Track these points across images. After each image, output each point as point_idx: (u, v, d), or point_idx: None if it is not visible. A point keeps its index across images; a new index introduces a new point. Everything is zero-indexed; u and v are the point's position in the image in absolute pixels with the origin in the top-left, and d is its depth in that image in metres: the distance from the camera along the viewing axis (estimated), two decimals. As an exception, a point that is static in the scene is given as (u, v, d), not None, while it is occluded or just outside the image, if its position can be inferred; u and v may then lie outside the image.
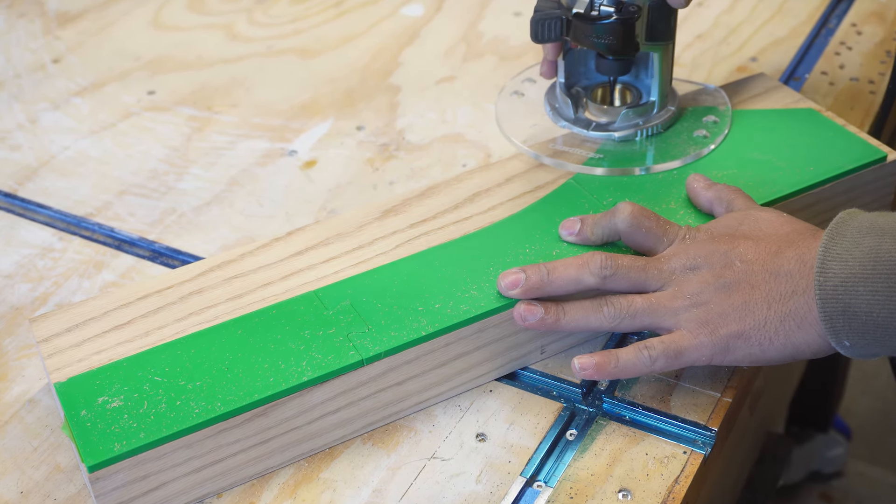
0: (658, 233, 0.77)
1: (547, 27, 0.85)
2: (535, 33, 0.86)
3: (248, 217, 0.96)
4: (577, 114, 0.92)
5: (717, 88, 0.96)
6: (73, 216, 0.97)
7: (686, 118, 0.92)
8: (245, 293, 0.78)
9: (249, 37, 1.23)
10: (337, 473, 0.73)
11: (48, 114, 1.11)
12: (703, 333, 0.73)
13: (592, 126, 0.91)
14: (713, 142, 0.89)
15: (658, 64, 0.89)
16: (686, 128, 0.91)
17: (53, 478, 0.73)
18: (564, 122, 0.92)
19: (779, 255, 0.73)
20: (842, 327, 0.69)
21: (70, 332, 0.75)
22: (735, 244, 0.75)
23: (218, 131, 1.07)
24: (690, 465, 0.73)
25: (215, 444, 0.70)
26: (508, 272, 0.75)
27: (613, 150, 0.89)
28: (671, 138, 0.90)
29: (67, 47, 1.22)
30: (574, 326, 0.75)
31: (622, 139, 0.90)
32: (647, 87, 0.92)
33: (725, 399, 0.76)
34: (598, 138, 0.90)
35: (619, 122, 0.90)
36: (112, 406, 0.69)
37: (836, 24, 1.20)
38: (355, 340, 0.73)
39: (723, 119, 0.92)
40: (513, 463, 0.73)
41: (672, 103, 0.92)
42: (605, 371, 0.73)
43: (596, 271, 0.74)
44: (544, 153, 0.89)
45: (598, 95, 0.94)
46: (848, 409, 1.84)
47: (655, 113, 0.91)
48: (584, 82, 0.94)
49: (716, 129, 0.91)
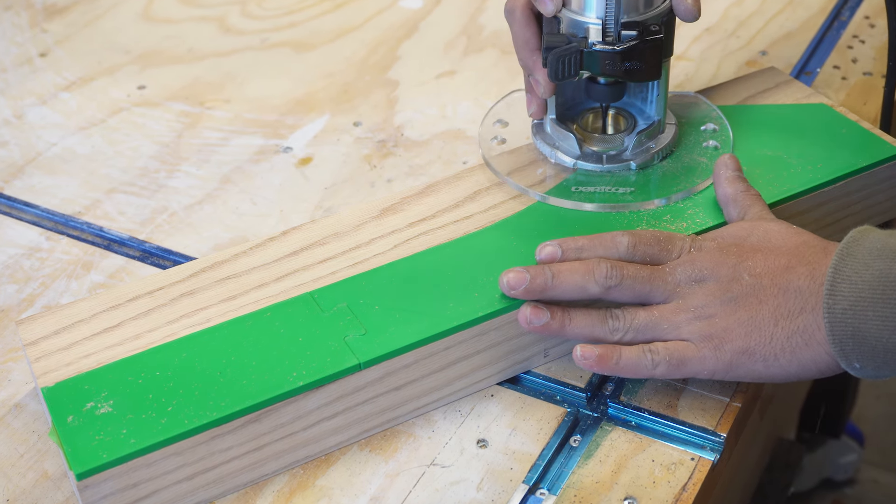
0: (661, 254, 0.77)
1: (567, 63, 0.81)
2: (556, 72, 0.81)
3: (241, 216, 0.96)
4: (582, 149, 0.88)
5: (695, 94, 0.94)
6: (60, 215, 0.97)
7: (684, 131, 0.90)
8: (238, 295, 0.78)
9: (243, 29, 1.23)
10: (333, 481, 0.73)
11: (35, 109, 1.11)
12: (707, 347, 0.73)
13: (605, 159, 0.87)
14: (728, 149, 0.88)
15: (664, 80, 0.86)
16: (692, 141, 0.89)
17: (41, 485, 0.73)
18: (571, 161, 0.88)
19: (789, 271, 0.73)
20: (851, 350, 0.69)
21: (58, 334, 0.75)
22: (744, 257, 0.75)
23: (210, 127, 1.07)
24: (698, 472, 0.73)
25: (208, 450, 0.70)
26: (512, 270, 0.75)
27: (638, 181, 0.86)
28: (686, 156, 0.88)
29: (55, 40, 1.22)
30: (578, 334, 0.75)
31: (640, 166, 0.87)
32: (637, 110, 0.90)
33: (735, 404, 0.76)
34: (616, 170, 0.87)
35: (633, 149, 0.87)
36: (101, 411, 0.69)
37: (849, 16, 1.20)
38: (352, 344, 0.73)
39: (721, 124, 0.91)
40: (515, 470, 0.73)
41: (670, 119, 0.90)
42: (606, 366, 0.74)
43: (601, 280, 0.75)
44: (578, 199, 0.84)
45: (589, 124, 0.91)
46: (861, 415, 1.84)
47: (662, 133, 0.89)
48: (569, 114, 0.91)
49: (722, 137, 0.90)
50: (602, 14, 0.81)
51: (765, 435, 1.23)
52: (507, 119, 0.94)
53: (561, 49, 0.80)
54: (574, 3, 0.82)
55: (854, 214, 0.89)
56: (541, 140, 0.89)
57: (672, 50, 0.85)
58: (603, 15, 0.81)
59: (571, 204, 0.84)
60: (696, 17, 0.81)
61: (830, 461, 1.69)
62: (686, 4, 0.81)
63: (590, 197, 0.84)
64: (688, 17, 0.82)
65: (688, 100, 0.94)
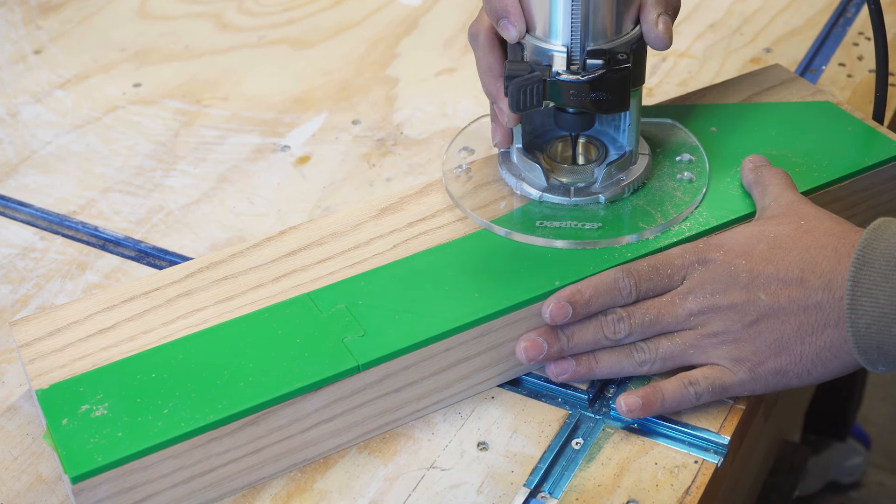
0: (664, 283, 0.77)
1: (530, 93, 0.76)
2: (518, 102, 0.77)
3: (238, 215, 0.96)
4: (549, 180, 0.84)
5: (672, 122, 0.91)
6: (55, 214, 0.97)
7: (659, 162, 0.87)
8: (235, 295, 0.78)
9: (240, 26, 1.23)
10: (332, 484, 0.73)
11: (29, 107, 1.11)
12: (742, 371, 0.74)
13: (573, 192, 0.83)
14: (704, 183, 0.85)
15: (635, 110, 0.83)
16: (666, 173, 0.86)
17: (35, 489, 0.73)
18: (537, 193, 0.84)
19: (804, 285, 0.73)
20: (877, 359, 0.71)
21: (52, 336, 0.75)
22: (755, 273, 0.74)
23: (207, 125, 1.07)
24: (702, 476, 0.73)
25: (204, 453, 0.70)
26: (526, 339, 0.76)
27: (607, 215, 0.82)
28: (658, 188, 0.85)
29: (49, 37, 1.22)
30: (607, 374, 0.77)
31: (609, 200, 0.83)
32: (609, 139, 0.87)
33: (739, 406, 0.76)
34: (584, 204, 0.83)
35: (602, 181, 0.83)
36: (96, 414, 0.69)
37: (855, 13, 1.20)
38: (351, 345, 0.73)
39: (698, 155, 0.87)
40: (516, 473, 0.73)
41: (643, 149, 0.86)
42: (652, 409, 0.75)
43: (611, 336, 0.76)
44: (542, 236, 0.81)
45: (557, 153, 0.87)
46: (866, 417, 1.84)
47: (634, 164, 0.85)
48: (538, 142, 0.87)
49: (698, 168, 0.86)
50: (567, 41, 0.78)
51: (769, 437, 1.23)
52: (473, 147, 0.90)
53: (522, 78, 0.76)
54: (538, 29, 0.79)
55: (859, 214, 0.88)
56: (507, 170, 0.86)
57: (643, 78, 0.83)
58: (568, 42, 0.78)
59: (535, 240, 0.80)
60: (667, 45, 0.79)
61: (836, 464, 1.69)
62: (656, 32, 0.79)
63: (555, 233, 0.80)
64: (658, 46, 0.79)
65: (664, 127, 0.91)
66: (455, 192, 0.85)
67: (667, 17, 0.79)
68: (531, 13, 0.78)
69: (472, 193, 0.85)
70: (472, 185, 0.86)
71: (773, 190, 0.81)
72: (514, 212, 0.83)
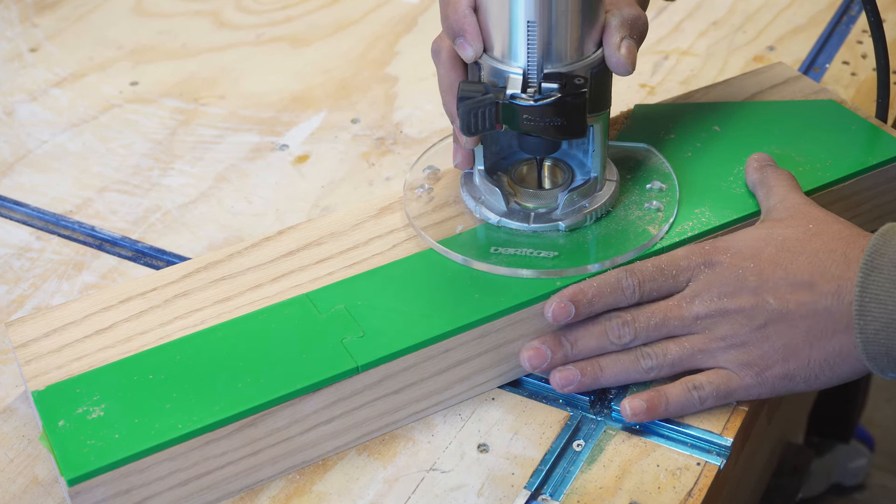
0: (669, 284, 0.76)
1: (481, 116, 0.74)
2: (468, 125, 0.74)
3: (236, 215, 0.96)
4: (509, 205, 0.82)
5: (648, 147, 0.88)
6: (51, 214, 0.97)
7: (628, 189, 0.84)
8: (233, 296, 0.78)
9: (238, 24, 1.23)
10: (331, 486, 0.73)
11: (25, 106, 1.11)
12: (749, 376, 0.74)
13: (532, 218, 0.81)
14: (671, 213, 0.82)
15: (600, 136, 0.80)
16: (634, 201, 0.83)
17: (31, 491, 0.73)
18: (495, 218, 0.81)
19: (813, 290, 0.73)
20: (887, 365, 0.71)
21: (48, 336, 0.75)
22: (763, 277, 0.74)
23: (204, 124, 1.07)
24: (704, 478, 0.73)
25: (202, 456, 0.70)
26: (529, 349, 0.76)
27: (566, 244, 0.80)
28: (623, 217, 0.82)
29: (45, 35, 1.22)
30: (613, 382, 0.76)
31: (570, 228, 0.81)
32: (578, 162, 0.84)
33: (742, 407, 0.76)
34: (543, 231, 0.81)
35: (563, 208, 0.81)
36: (93, 416, 0.69)
37: (858, 10, 1.20)
38: (350, 346, 0.73)
39: (670, 183, 0.84)
40: (516, 475, 0.73)
41: (611, 175, 0.84)
42: (656, 413, 0.75)
43: (615, 341, 0.76)
44: (495, 263, 0.78)
45: (522, 176, 0.84)
46: (871, 419, 1.84)
47: (599, 191, 0.82)
48: (503, 164, 0.85)
49: (668, 197, 0.83)
50: (524, 63, 0.75)
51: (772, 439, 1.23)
52: (438, 166, 0.87)
53: (474, 100, 0.74)
54: (496, 50, 0.76)
55: (863, 213, 0.88)
56: (467, 192, 0.83)
57: (608, 102, 0.80)
58: (525, 64, 0.75)
59: (487, 267, 0.78)
60: (629, 70, 0.76)
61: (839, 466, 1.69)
62: (618, 57, 0.76)
63: (508, 260, 0.78)
64: (620, 71, 0.77)
65: (639, 152, 0.88)
66: (412, 212, 0.83)
67: (631, 41, 0.76)
68: (489, 33, 0.76)
69: (429, 214, 0.83)
70: (432, 205, 0.84)
71: (778, 192, 0.80)
72: (469, 236, 0.81)
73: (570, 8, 0.74)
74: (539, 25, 0.74)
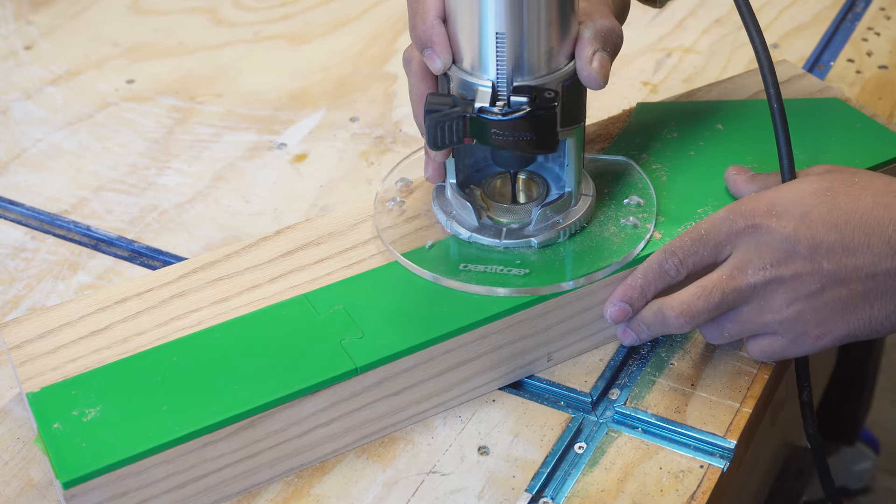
0: (713, 254, 0.76)
1: (448, 130, 0.73)
2: (435, 139, 0.73)
3: (233, 215, 0.96)
4: (481, 220, 0.80)
5: (626, 160, 0.87)
6: (46, 213, 0.97)
7: (604, 204, 0.83)
8: (231, 296, 0.78)
9: (235, 21, 1.23)
10: (329, 489, 0.73)
11: (20, 104, 1.11)
12: (807, 341, 0.75)
13: (504, 234, 0.80)
14: (647, 230, 0.80)
15: (574, 150, 0.78)
16: (610, 217, 0.82)
17: (26, 494, 0.73)
18: (466, 233, 0.80)
19: (871, 251, 0.72)
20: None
21: (43, 338, 0.75)
22: (816, 241, 0.72)
23: (202, 123, 1.07)
24: (707, 480, 0.73)
25: (199, 458, 0.70)
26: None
27: (537, 261, 0.78)
28: (598, 233, 0.81)
29: (40, 33, 1.22)
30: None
31: (542, 244, 0.80)
32: (554, 175, 0.83)
33: (745, 409, 0.76)
34: (515, 247, 0.79)
35: (536, 224, 0.79)
36: (88, 418, 0.69)
37: (864, 8, 1.20)
38: (349, 347, 0.73)
39: (647, 198, 0.83)
40: (517, 478, 0.73)
41: (587, 190, 0.82)
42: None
43: (675, 329, 0.76)
44: (464, 280, 0.77)
45: (496, 190, 0.83)
46: (876, 421, 1.84)
47: (574, 206, 0.81)
48: (477, 177, 0.84)
49: (645, 212, 0.82)
50: (493, 75, 0.74)
51: (776, 441, 1.23)
52: (411, 178, 0.86)
53: (441, 113, 0.73)
54: (466, 61, 0.75)
55: (869, 213, 0.88)
56: (439, 206, 0.82)
57: (582, 116, 0.78)
58: (494, 76, 0.74)
59: (456, 284, 0.77)
60: (600, 84, 0.75)
61: (844, 469, 1.69)
62: (589, 70, 0.74)
63: (477, 278, 0.77)
64: (591, 85, 0.75)
65: (619, 166, 0.86)
66: (382, 225, 0.82)
67: (604, 53, 0.75)
68: (458, 44, 0.75)
69: (399, 227, 0.82)
70: (403, 219, 0.83)
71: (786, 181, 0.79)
72: (439, 251, 0.80)
73: (541, 19, 0.73)
74: (508, 37, 0.73)
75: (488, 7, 0.72)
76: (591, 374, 0.79)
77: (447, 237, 0.81)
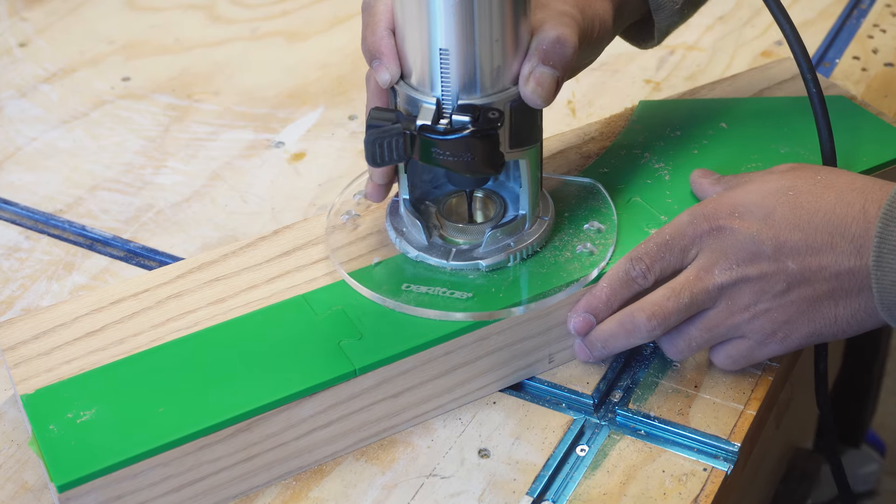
0: (679, 258, 0.76)
1: (387, 148, 0.71)
2: (374, 156, 0.71)
3: (230, 214, 0.96)
4: (430, 238, 0.79)
5: (593, 182, 0.84)
6: (40, 213, 0.97)
7: (563, 228, 0.81)
8: (228, 297, 0.78)
9: (232, 18, 1.23)
10: (327, 492, 0.73)
11: (14, 102, 1.11)
12: (773, 342, 0.75)
13: (452, 254, 0.78)
14: (603, 258, 0.78)
15: (528, 172, 0.76)
16: (566, 242, 0.80)
17: (20, 497, 0.73)
18: (414, 252, 0.78)
19: (834, 250, 0.72)
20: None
21: (38, 339, 0.75)
22: (780, 239, 0.73)
23: (198, 121, 1.07)
24: (711, 484, 0.73)
25: (195, 461, 0.70)
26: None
27: (483, 285, 0.77)
28: (551, 259, 0.79)
29: (35, 29, 1.22)
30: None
31: (491, 267, 0.78)
32: (514, 196, 0.80)
33: (749, 411, 0.76)
34: (463, 269, 0.78)
35: (486, 246, 0.77)
36: (83, 420, 0.69)
37: (869, 4, 1.20)
38: (347, 349, 0.73)
39: (609, 223, 0.81)
40: (518, 481, 0.73)
41: (545, 212, 0.80)
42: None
43: (645, 335, 0.75)
44: (403, 301, 0.75)
45: (452, 209, 0.81)
46: (882, 423, 1.84)
47: (528, 229, 0.79)
48: (435, 193, 0.82)
49: (604, 240, 0.80)
50: (439, 92, 0.72)
51: (781, 444, 1.23)
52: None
53: (381, 130, 0.71)
54: (413, 76, 0.73)
55: (874, 212, 0.88)
56: (391, 223, 0.80)
57: (537, 136, 0.76)
58: (439, 93, 0.72)
59: (395, 305, 0.75)
60: (538, 104, 0.72)
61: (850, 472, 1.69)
62: (524, 90, 0.72)
63: (418, 300, 0.75)
64: (531, 104, 0.73)
65: (584, 188, 0.84)
66: (332, 240, 0.81)
67: (544, 69, 0.72)
68: (405, 58, 0.73)
69: (349, 245, 0.81)
70: (355, 234, 0.81)
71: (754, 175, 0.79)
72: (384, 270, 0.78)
73: (488, 35, 0.71)
74: (453, 53, 0.71)
75: (433, 22, 0.70)
76: (594, 375, 0.79)
77: (397, 255, 0.80)
